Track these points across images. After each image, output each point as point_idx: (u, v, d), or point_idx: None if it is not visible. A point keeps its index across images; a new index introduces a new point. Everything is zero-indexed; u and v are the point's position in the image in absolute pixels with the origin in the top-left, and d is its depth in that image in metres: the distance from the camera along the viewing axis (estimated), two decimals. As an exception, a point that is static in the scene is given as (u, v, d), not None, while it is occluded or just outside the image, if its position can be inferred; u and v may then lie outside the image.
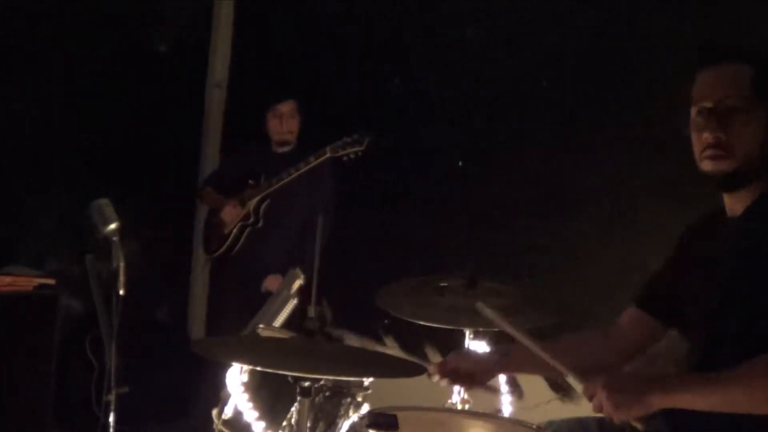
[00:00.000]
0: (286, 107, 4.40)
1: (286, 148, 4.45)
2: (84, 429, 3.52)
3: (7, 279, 3.84)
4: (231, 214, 4.40)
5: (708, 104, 1.94)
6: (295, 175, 4.23)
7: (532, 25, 4.08)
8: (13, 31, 4.34)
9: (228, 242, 4.41)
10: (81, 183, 4.47)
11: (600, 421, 2.21)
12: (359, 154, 4.15)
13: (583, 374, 2.00)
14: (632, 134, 3.60)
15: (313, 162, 4.20)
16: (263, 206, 4.35)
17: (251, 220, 4.37)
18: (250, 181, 4.39)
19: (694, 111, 1.98)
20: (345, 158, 4.17)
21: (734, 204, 2.00)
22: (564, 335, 2.46)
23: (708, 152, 1.94)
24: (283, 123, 4.39)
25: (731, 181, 1.94)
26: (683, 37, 3.50)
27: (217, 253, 4.48)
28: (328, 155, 4.17)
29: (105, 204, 2.94)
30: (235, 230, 4.40)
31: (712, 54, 1.99)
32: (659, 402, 1.83)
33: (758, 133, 1.91)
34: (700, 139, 1.96)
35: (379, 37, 4.65)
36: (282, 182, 4.26)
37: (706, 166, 1.96)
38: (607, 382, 1.88)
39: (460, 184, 4.27)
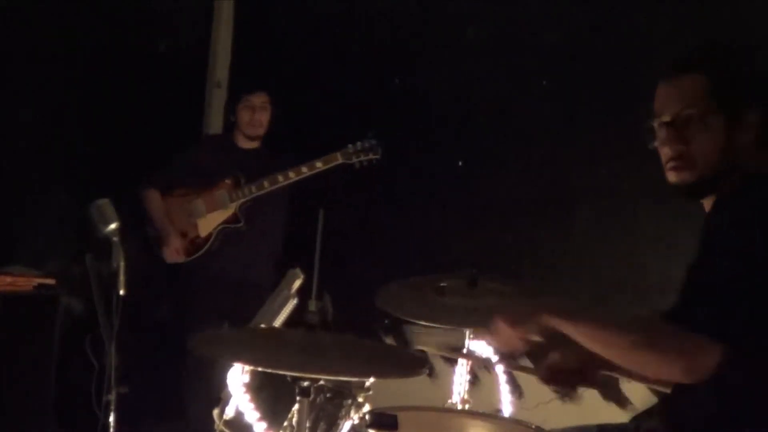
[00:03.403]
0: (258, 99, 4.24)
1: (253, 144, 4.31)
2: (84, 429, 3.52)
3: (7, 279, 3.84)
4: (212, 219, 4.17)
5: (666, 118, 1.98)
6: (295, 178, 4.07)
7: (532, 25, 4.08)
8: (13, 31, 4.33)
9: (207, 246, 4.22)
10: (81, 183, 4.46)
11: (600, 427, 2.22)
12: (374, 162, 4.06)
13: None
14: (632, 134, 3.60)
15: (321, 167, 4.04)
16: (245, 208, 4.20)
17: (240, 223, 4.20)
18: (227, 180, 4.20)
19: (656, 125, 2.01)
20: (357, 165, 4.05)
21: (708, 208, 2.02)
22: None
23: (670, 164, 1.98)
24: (254, 115, 4.23)
25: (694, 191, 1.98)
26: (683, 36, 3.51)
27: (190, 258, 4.23)
28: (339, 161, 4.03)
29: (105, 204, 2.94)
30: (215, 233, 4.22)
31: (668, 68, 2.01)
32: (548, 321, 1.91)
33: (717, 140, 1.92)
34: (663, 153, 2.00)
35: (379, 37, 4.65)
36: (279, 185, 4.09)
37: (671, 177, 1.99)
38: (500, 310, 2.01)
39: (460, 184, 4.27)
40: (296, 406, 2.12)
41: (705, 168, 1.93)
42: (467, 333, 2.95)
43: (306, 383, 2.07)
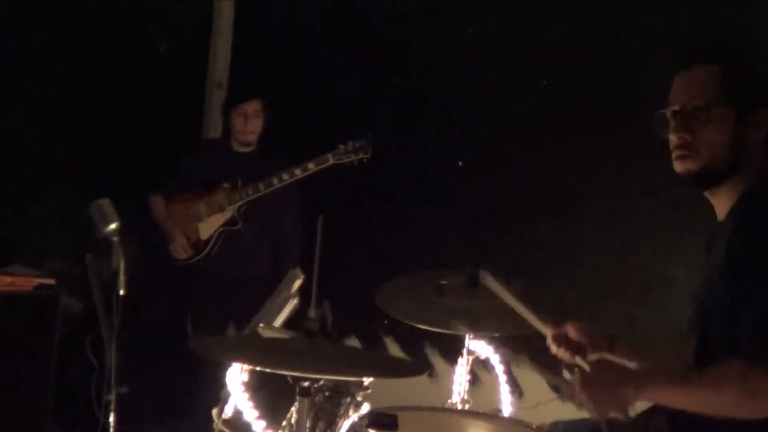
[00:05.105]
0: (251, 107, 4.29)
1: (249, 148, 4.36)
2: (84, 429, 3.52)
3: (7, 279, 3.84)
4: (212, 222, 4.26)
5: (675, 107, 2.00)
6: (289, 180, 4.12)
7: (532, 25, 4.08)
8: (14, 31, 4.34)
9: (208, 249, 4.29)
10: (81, 183, 4.47)
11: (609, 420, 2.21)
12: (364, 161, 4.09)
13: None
14: (631, 134, 3.61)
15: (313, 169, 4.10)
16: (242, 209, 4.25)
17: (238, 225, 4.25)
18: (225, 184, 4.25)
19: (668, 114, 2.03)
20: (349, 165, 4.09)
21: (719, 207, 2.03)
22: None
23: (675, 153, 2.01)
24: (247, 123, 4.28)
25: (699, 180, 2.00)
26: (682, 36, 3.51)
27: (193, 260, 4.32)
28: (330, 162, 4.08)
29: (105, 204, 2.94)
30: (215, 236, 4.29)
31: (685, 58, 2.03)
32: (634, 397, 1.89)
33: (725, 132, 1.94)
34: (670, 141, 2.03)
35: (379, 37, 4.65)
36: (273, 187, 4.15)
37: (676, 167, 2.02)
38: (584, 381, 1.96)
39: (460, 184, 4.27)
40: (295, 406, 2.12)
41: (709, 159, 1.95)
42: (467, 333, 2.94)
43: (306, 383, 2.07)
